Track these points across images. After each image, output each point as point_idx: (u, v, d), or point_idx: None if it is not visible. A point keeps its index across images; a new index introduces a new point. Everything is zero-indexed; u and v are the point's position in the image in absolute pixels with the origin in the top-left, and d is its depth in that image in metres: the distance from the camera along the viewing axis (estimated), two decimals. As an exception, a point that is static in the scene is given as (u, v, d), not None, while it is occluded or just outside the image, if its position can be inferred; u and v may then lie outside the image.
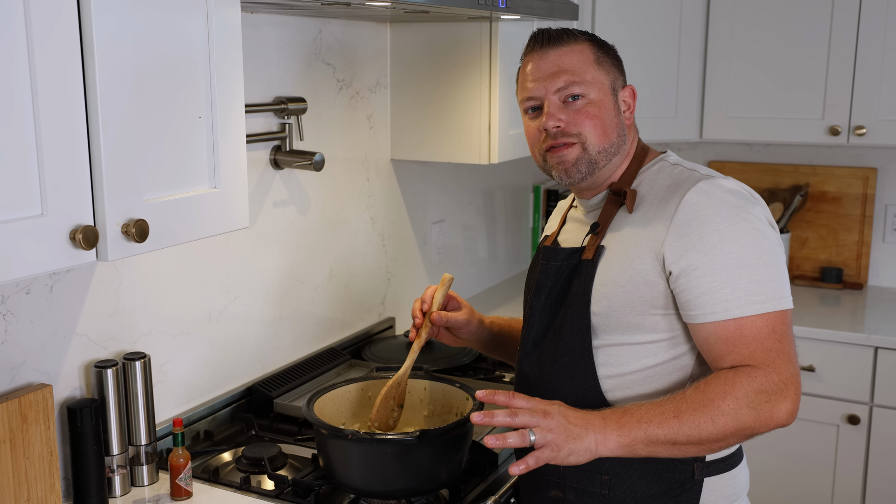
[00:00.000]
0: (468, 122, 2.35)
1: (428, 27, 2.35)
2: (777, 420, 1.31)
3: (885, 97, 2.73)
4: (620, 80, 1.52)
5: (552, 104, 1.47)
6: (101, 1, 1.18)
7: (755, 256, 1.34)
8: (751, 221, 1.36)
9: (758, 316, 1.33)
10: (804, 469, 2.76)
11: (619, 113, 1.50)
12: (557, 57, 1.48)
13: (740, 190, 1.41)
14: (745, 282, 1.33)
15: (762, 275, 1.34)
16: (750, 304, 1.33)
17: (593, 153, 1.47)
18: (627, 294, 1.42)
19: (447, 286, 1.68)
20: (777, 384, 1.30)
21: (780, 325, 1.34)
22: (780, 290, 1.35)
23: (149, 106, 1.29)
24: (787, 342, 1.34)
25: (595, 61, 1.48)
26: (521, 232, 3.42)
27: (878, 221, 3.14)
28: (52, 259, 1.16)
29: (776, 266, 1.36)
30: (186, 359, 1.88)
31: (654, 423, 1.31)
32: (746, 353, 1.33)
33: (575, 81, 1.46)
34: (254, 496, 1.63)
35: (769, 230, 1.38)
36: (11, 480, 1.42)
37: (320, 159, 2.03)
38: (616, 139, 1.49)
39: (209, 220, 1.42)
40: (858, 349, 2.64)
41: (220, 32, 1.39)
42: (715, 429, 1.30)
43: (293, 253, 2.16)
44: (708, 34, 2.94)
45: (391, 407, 1.66)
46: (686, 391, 1.33)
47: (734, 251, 1.34)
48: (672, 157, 1.52)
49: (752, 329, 1.33)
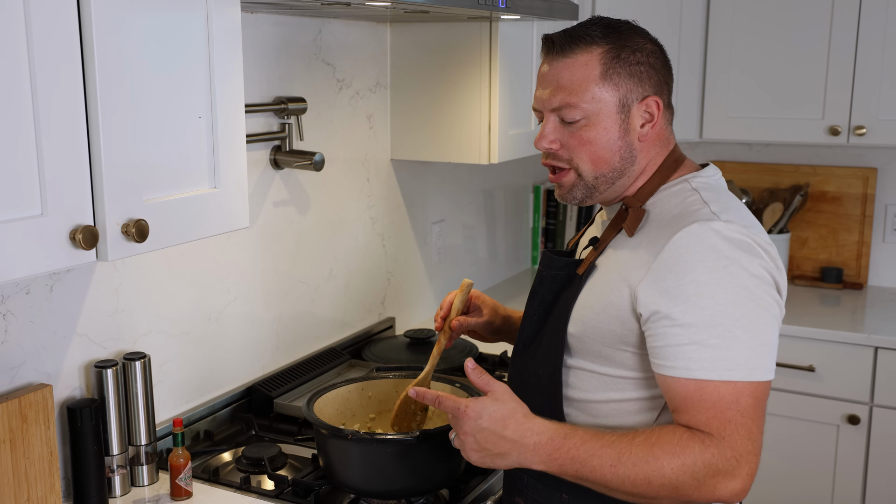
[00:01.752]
0: (468, 122, 2.35)
1: (428, 27, 2.35)
2: (719, 496, 1.22)
3: (885, 97, 2.73)
4: (637, 92, 1.35)
5: (549, 122, 1.38)
6: (101, 1, 1.18)
7: (733, 318, 1.22)
8: (739, 277, 1.23)
9: (722, 382, 1.21)
10: (804, 469, 2.76)
11: (628, 132, 1.36)
12: (559, 71, 1.36)
13: (740, 238, 1.25)
14: (714, 342, 1.22)
15: (737, 339, 1.22)
16: (714, 368, 1.22)
17: (589, 179, 1.38)
18: (600, 324, 1.33)
19: (466, 292, 1.65)
20: (729, 460, 1.20)
21: (748, 397, 1.22)
22: (753, 360, 1.22)
23: (149, 106, 1.29)
24: (751, 416, 1.22)
25: (601, 76, 1.33)
26: (521, 232, 3.42)
27: (878, 221, 3.14)
28: (52, 259, 1.16)
29: (757, 332, 1.23)
30: (186, 359, 1.88)
31: (588, 467, 1.24)
32: (703, 418, 1.22)
33: (570, 104, 1.34)
34: (254, 496, 1.63)
35: (763, 289, 1.24)
36: (11, 480, 1.42)
37: (320, 159, 2.03)
38: (618, 163, 1.36)
39: (209, 220, 1.42)
40: (858, 349, 2.64)
41: (220, 32, 1.40)
42: (650, 489, 1.22)
43: (293, 253, 2.16)
44: (708, 34, 2.94)
45: (413, 411, 1.64)
46: (636, 438, 1.24)
47: (709, 307, 1.22)
48: (698, 180, 1.37)
49: (714, 395, 1.22)
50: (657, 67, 1.37)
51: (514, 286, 3.20)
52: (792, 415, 2.74)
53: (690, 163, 1.43)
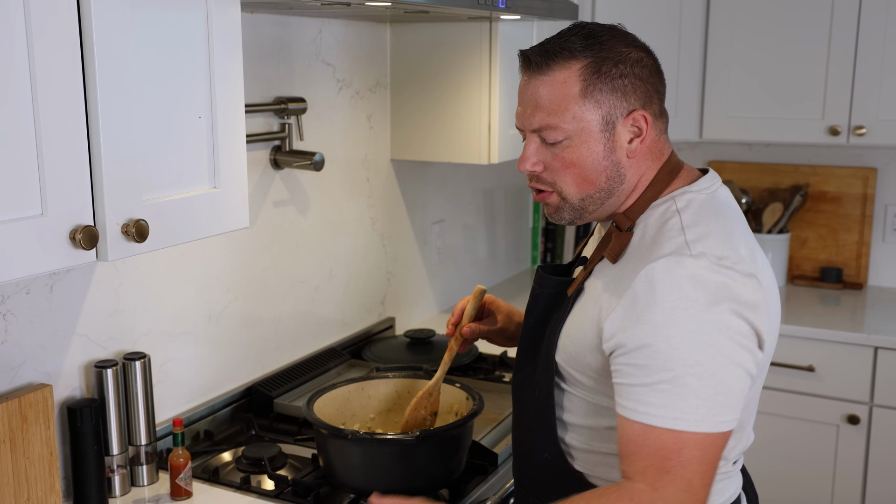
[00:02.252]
0: (468, 122, 2.35)
1: (428, 27, 2.35)
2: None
3: (885, 97, 2.73)
4: (622, 107, 1.26)
5: (531, 143, 1.30)
6: (101, 1, 1.18)
7: (686, 365, 1.14)
8: (698, 321, 1.14)
9: (666, 431, 1.14)
10: (804, 469, 2.76)
11: (614, 150, 1.27)
12: (537, 89, 1.27)
13: (708, 277, 1.16)
14: (664, 387, 1.15)
15: (688, 387, 1.14)
16: (660, 415, 1.15)
17: (574, 202, 1.31)
18: (580, 356, 1.29)
19: (479, 298, 1.64)
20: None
21: (693, 448, 1.14)
22: (705, 411, 1.14)
23: (149, 106, 1.29)
24: (693, 469, 1.14)
25: (581, 93, 1.24)
26: (521, 232, 3.42)
27: (878, 221, 3.14)
28: (52, 259, 1.16)
29: (712, 381, 1.15)
30: (186, 359, 1.88)
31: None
32: (642, 465, 1.16)
33: (550, 125, 1.26)
34: (254, 496, 1.63)
35: (723, 337, 1.15)
36: (11, 480, 1.42)
37: (320, 159, 2.03)
38: (605, 183, 1.28)
39: (209, 220, 1.42)
40: (858, 349, 2.64)
41: (220, 32, 1.40)
42: None
43: (293, 253, 2.16)
44: (708, 34, 2.94)
45: (423, 416, 1.65)
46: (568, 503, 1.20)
47: (662, 351, 1.15)
48: (686, 196, 1.28)
49: (657, 443, 1.15)
50: (643, 77, 1.28)
51: (514, 286, 3.20)
52: (792, 415, 2.74)
53: (688, 172, 1.34)
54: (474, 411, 1.61)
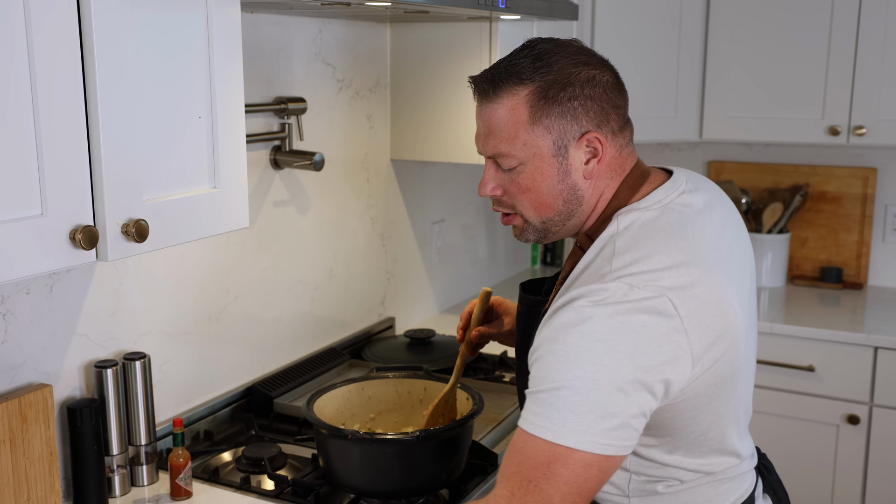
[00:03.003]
0: (468, 122, 2.35)
1: (428, 27, 2.35)
2: None
3: (885, 97, 2.73)
4: (573, 131, 1.24)
5: (489, 168, 1.30)
6: (101, 1, 1.18)
7: (566, 379, 1.13)
8: (588, 339, 1.13)
9: (542, 441, 1.13)
10: (804, 469, 2.76)
11: (569, 174, 1.26)
12: (488, 117, 1.26)
13: (619, 300, 1.14)
14: (542, 397, 1.15)
15: (561, 399, 1.12)
16: (534, 423, 1.15)
17: (536, 224, 1.31)
18: None
19: (485, 301, 1.64)
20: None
21: (562, 465, 1.12)
22: (574, 424, 1.12)
23: (149, 106, 1.29)
24: (556, 487, 1.12)
25: (529, 120, 1.23)
26: (521, 232, 3.41)
27: (878, 221, 3.14)
28: (52, 259, 1.16)
29: (587, 398, 1.12)
30: (186, 359, 1.88)
31: None
32: (511, 470, 1.16)
33: (503, 153, 1.26)
34: (254, 496, 1.63)
35: (615, 358, 1.12)
36: (11, 480, 1.42)
37: (320, 159, 2.03)
38: (562, 206, 1.28)
39: (209, 220, 1.42)
40: (858, 349, 2.64)
41: (220, 32, 1.40)
42: None
43: (293, 253, 2.16)
44: (708, 34, 2.94)
45: (440, 424, 1.65)
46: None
47: (548, 363, 1.15)
48: (629, 216, 1.25)
49: (531, 451, 1.14)
50: (596, 96, 1.24)
51: (514, 286, 3.20)
52: (792, 415, 2.74)
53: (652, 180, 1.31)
54: (474, 411, 1.61)
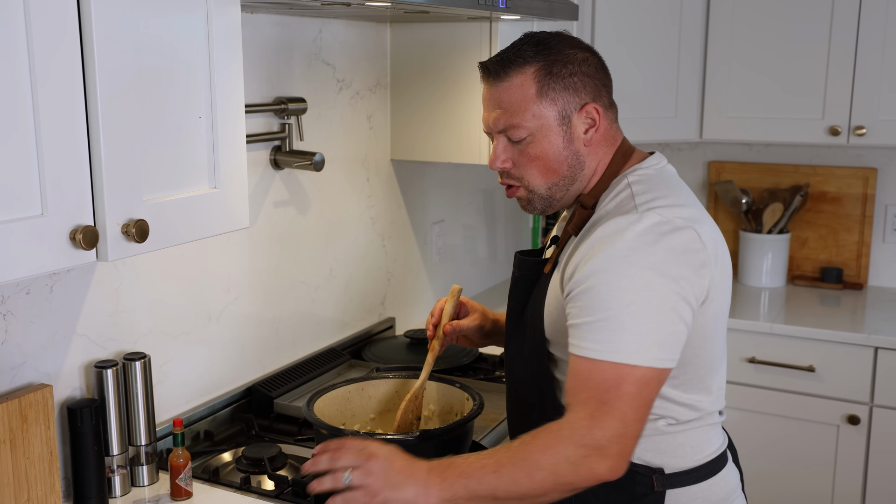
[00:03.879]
0: (468, 122, 2.35)
1: (428, 27, 2.35)
2: (597, 475, 1.25)
3: (885, 97, 2.73)
4: (575, 102, 1.41)
5: (499, 142, 1.44)
6: (101, 1, 1.18)
7: (623, 304, 1.27)
8: (636, 267, 1.28)
9: (609, 364, 1.27)
10: (804, 469, 2.76)
11: (572, 141, 1.42)
12: (498, 94, 1.42)
13: (650, 229, 1.30)
14: (601, 325, 1.27)
15: (623, 324, 1.27)
16: (600, 350, 1.27)
17: (542, 192, 1.45)
18: (558, 320, 1.41)
19: (456, 297, 1.70)
20: (599, 441, 1.24)
21: (631, 383, 1.26)
22: (638, 345, 1.27)
23: (149, 106, 1.29)
24: (628, 402, 1.26)
25: (538, 93, 1.39)
26: (521, 232, 3.42)
27: (878, 221, 3.14)
28: (52, 259, 1.16)
29: (645, 319, 1.27)
30: (186, 359, 1.88)
31: (475, 477, 1.26)
32: (584, 396, 1.27)
33: (513, 125, 1.41)
34: (254, 496, 1.63)
35: (663, 280, 1.28)
36: (11, 480, 1.42)
37: (320, 159, 2.03)
38: (567, 171, 1.43)
39: (209, 220, 1.42)
40: (858, 349, 2.63)
41: (220, 32, 1.39)
42: (533, 484, 1.25)
43: (293, 253, 2.16)
44: (708, 34, 2.94)
45: (410, 420, 1.67)
46: (514, 442, 1.29)
47: (602, 293, 1.28)
48: (637, 173, 1.43)
49: (600, 376, 1.27)
50: (591, 74, 1.42)
51: (514, 286, 3.20)
52: (792, 415, 2.74)
53: (639, 154, 1.49)
54: (474, 411, 1.61)
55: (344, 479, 1.29)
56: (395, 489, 1.28)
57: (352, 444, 1.34)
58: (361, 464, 1.30)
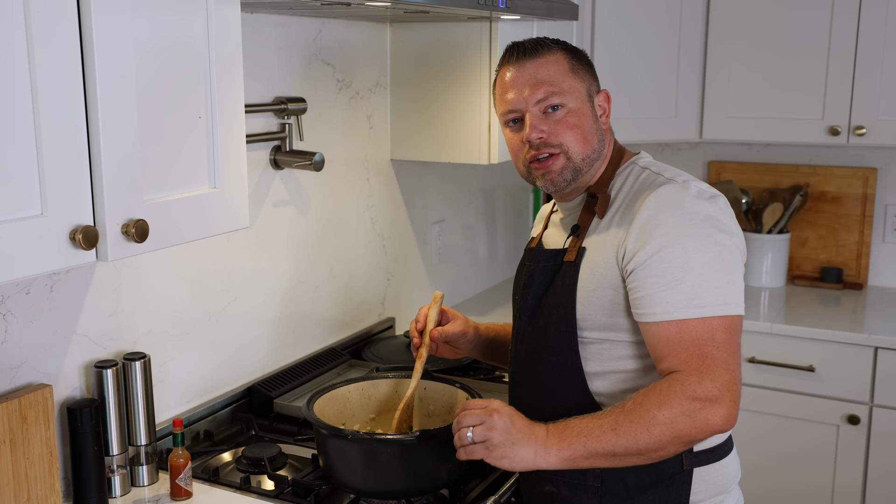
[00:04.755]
0: (468, 122, 2.35)
1: (428, 27, 2.35)
2: (713, 426, 1.32)
3: (885, 97, 2.73)
4: (595, 86, 1.55)
5: (534, 116, 1.50)
6: (100, 2, 1.18)
7: (702, 261, 1.35)
8: (703, 227, 1.38)
9: (698, 320, 1.34)
10: (804, 469, 2.76)
11: (597, 118, 1.53)
12: (535, 69, 1.50)
13: (697, 194, 1.41)
14: (686, 286, 1.35)
15: (706, 280, 1.35)
16: (688, 307, 1.35)
17: (577, 161, 1.50)
18: (599, 298, 1.45)
19: (439, 303, 1.71)
20: (711, 391, 1.32)
21: (722, 332, 1.35)
22: (724, 297, 1.36)
23: (149, 106, 1.29)
24: (725, 350, 1.34)
25: (570, 70, 1.51)
26: (521, 232, 3.42)
27: (878, 221, 3.14)
28: (52, 259, 1.16)
29: (724, 272, 1.37)
30: (186, 359, 1.88)
31: (594, 436, 1.33)
32: (683, 357, 1.34)
33: (554, 92, 1.48)
34: (254, 496, 1.63)
35: (724, 236, 1.39)
36: (11, 480, 1.42)
37: (320, 159, 2.03)
38: (597, 144, 1.52)
39: (209, 220, 1.42)
40: (858, 349, 2.63)
41: (220, 32, 1.40)
42: (651, 439, 1.32)
43: (293, 253, 2.16)
44: (708, 34, 2.94)
45: (403, 430, 1.67)
46: (626, 403, 1.35)
47: (680, 255, 1.36)
48: (643, 160, 1.54)
49: (692, 334, 1.34)
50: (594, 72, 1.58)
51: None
52: (792, 415, 2.74)
53: (628, 151, 1.59)
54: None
55: (467, 437, 1.38)
56: (514, 446, 1.35)
57: (476, 402, 1.42)
58: (484, 419, 1.37)
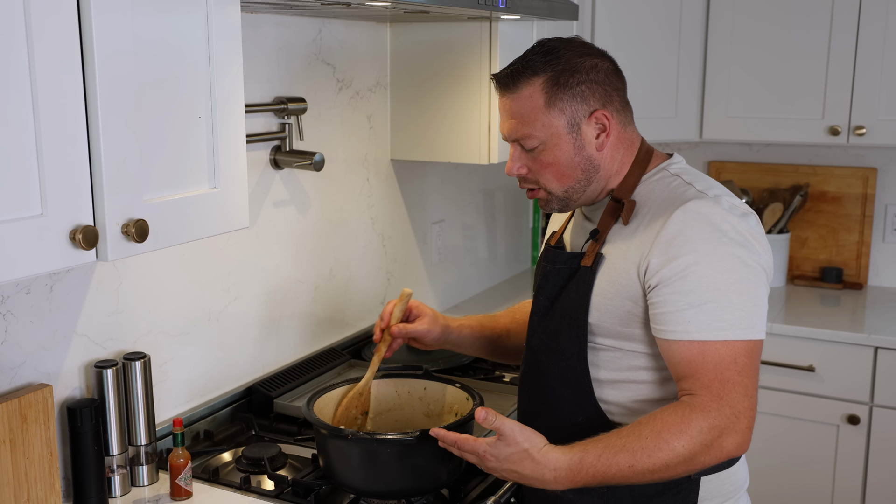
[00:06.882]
0: (468, 122, 2.35)
1: (428, 27, 2.35)
2: (727, 453, 1.33)
3: (885, 97, 2.73)
4: (583, 111, 1.45)
5: (515, 151, 1.50)
6: (100, 1, 1.18)
7: (728, 283, 1.34)
8: (731, 247, 1.35)
9: (721, 343, 1.33)
10: (804, 469, 2.76)
11: (583, 147, 1.46)
12: (510, 106, 1.47)
13: (728, 212, 1.38)
14: (711, 307, 1.34)
15: (731, 302, 1.34)
16: (711, 329, 1.34)
17: (559, 194, 1.50)
18: (615, 307, 1.44)
19: (405, 301, 1.70)
20: (729, 418, 1.32)
21: (744, 356, 1.34)
22: (748, 320, 1.34)
23: (149, 106, 1.29)
24: (746, 375, 1.34)
25: (546, 104, 1.44)
26: (521, 232, 3.42)
27: (878, 221, 3.14)
28: (52, 259, 1.16)
29: (749, 294, 1.35)
30: (186, 359, 1.88)
31: (609, 476, 1.33)
32: (705, 380, 1.34)
33: (524, 135, 1.46)
34: (254, 496, 1.63)
35: (752, 256, 1.36)
36: (11, 480, 1.42)
37: (320, 159, 2.03)
38: (581, 175, 1.47)
39: (209, 220, 1.42)
40: (858, 349, 2.64)
41: (220, 32, 1.39)
42: (668, 470, 1.33)
43: (293, 253, 2.16)
44: (708, 34, 2.94)
45: (354, 415, 1.69)
46: (643, 431, 1.33)
47: (707, 274, 1.34)
48: (675, 166, 1.50)
49: (715, 356, 1.33)
50: (600, 81, 1.46)
51: (513, 286, 3.20)
52: (792, 415, 2.74)
53: (659, 153, 1.54)
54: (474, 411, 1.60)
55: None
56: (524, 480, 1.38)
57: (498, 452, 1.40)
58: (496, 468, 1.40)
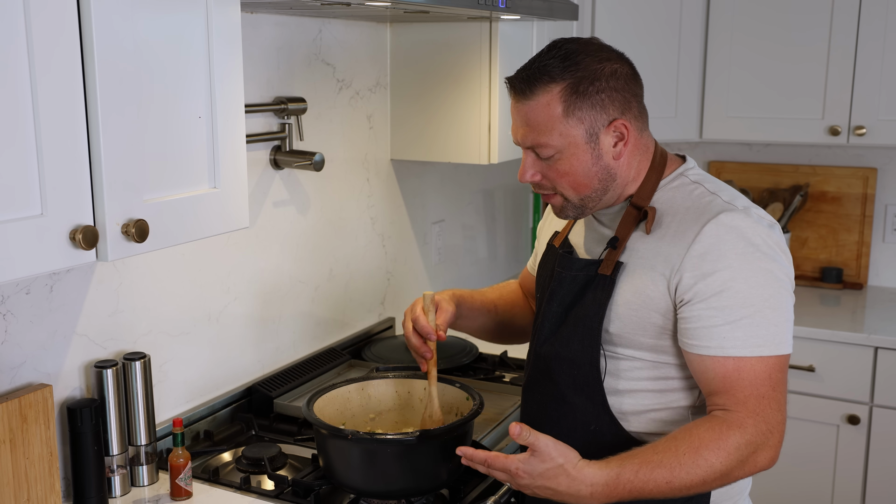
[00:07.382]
0: (468, 122, 2.35)
1: (428, 27, 2.35)
2: (760, 467, 1.34)
3: (885, 97, 2.73)
4: (602, 120, 1.40)
5: (528, 158, 1.45)
6: (100, 1, 1.18)
7: (762, 298, 1.33)
8: (764, 262, 1.34)
9: (756, 359, 1.33)
10: (804, 469, 2.76)
11: (601, 157, 1.41)
12: (525, 112, 1.41)
13: (759, 220, 1.37)
14: (746, 322, 1.33)
15: (766, 318, 1.33)
16: (747, 346, 1.33)
17: (575, 202, 1.46)
18: (640, 319, 1.42)
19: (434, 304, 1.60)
20: (764, 434, 1.33)
21: (777, 371, 1.35)
22: (780, 335, 1.35)
23: (148, 106, 1.29)
24: (780, 390, 1.35)
25: (564, 113, 1.38)
26: (521, 232, 3.42)
27: (878, 221, 3.14)
28: (52, 259, 1.16)
29: (781, 309, 1.35)
30: (186, 359, 1.88)
31: (646, 492, 1.31)
32: (741, 396, 1.34)
33: (541, 143, 1.41)
34: (254, 496, 1.63)
35: (783, 270, 1.36)
36: (11, 480, 1.42)
37: (320, 159, 2.03)
38: (598, 184, 1.43)
39: (209, 220, 1.42)
40: (858, 349, 2.64)
41: (221, 32, 1.39)
42: (704, 485, 1.33)
43: (293, 253, 2.16)
44: (708, 33, 2.94)
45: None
46: (680, 447, 1.31)
47: (742, 290, 1.33)
48: (692, 173, 1.47)
49: (751, 373, 1.34)
50: (619, 88, 1.40)
51: (514, 286, 3.20)
52: (792, 415, 2.74)
53: (672, 156, 1.51)
54: (474, 411, 1.61)
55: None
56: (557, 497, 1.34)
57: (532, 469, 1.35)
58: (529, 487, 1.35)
